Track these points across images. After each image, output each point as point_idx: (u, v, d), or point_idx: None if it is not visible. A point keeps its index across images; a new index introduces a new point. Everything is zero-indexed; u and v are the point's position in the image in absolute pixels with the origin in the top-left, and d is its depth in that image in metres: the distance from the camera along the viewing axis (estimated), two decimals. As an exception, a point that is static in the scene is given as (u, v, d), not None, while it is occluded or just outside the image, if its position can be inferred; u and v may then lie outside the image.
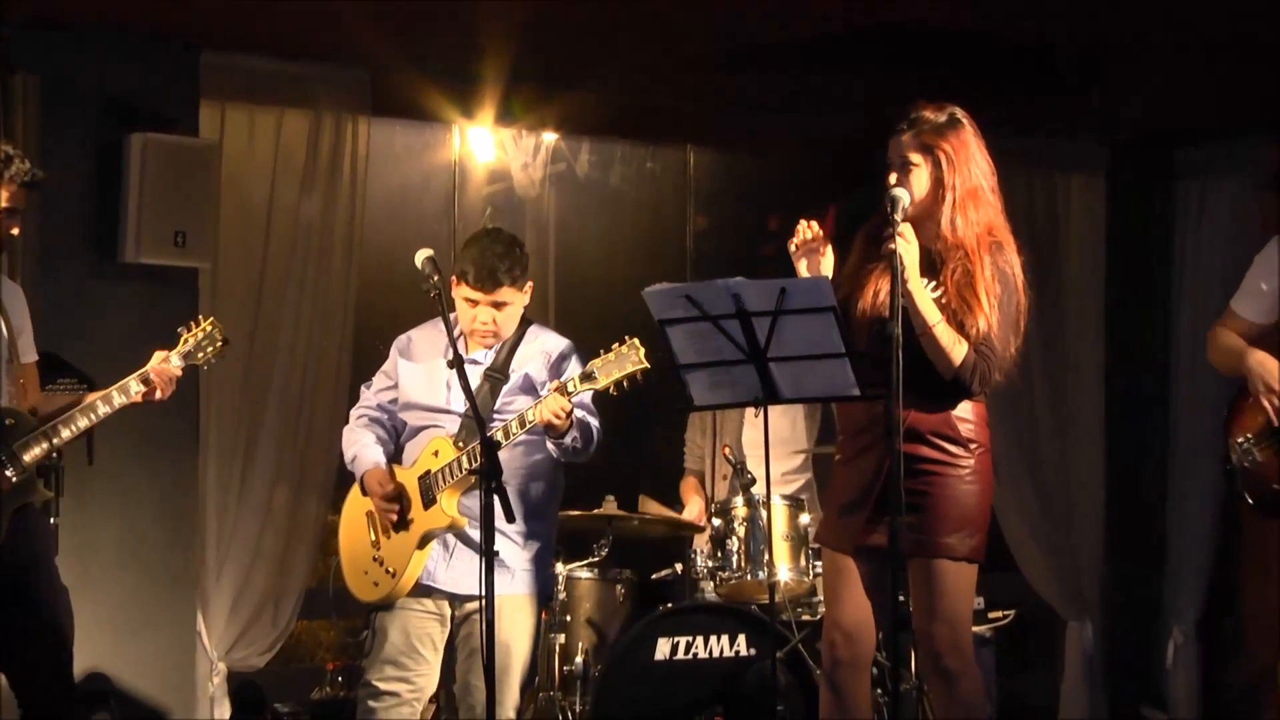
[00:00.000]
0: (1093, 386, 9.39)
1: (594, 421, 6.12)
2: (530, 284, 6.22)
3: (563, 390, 5.84)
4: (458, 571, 6.12)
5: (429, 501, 6.08)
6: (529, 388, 6.15)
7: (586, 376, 5.85)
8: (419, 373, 6.29)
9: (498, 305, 6.11)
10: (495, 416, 6.10)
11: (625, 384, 5.86)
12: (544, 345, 6.24)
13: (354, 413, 6.43)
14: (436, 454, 6.11)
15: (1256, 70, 8.27)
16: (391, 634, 6.20)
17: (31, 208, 6.09)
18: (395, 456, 6.29)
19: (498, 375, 6.17)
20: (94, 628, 6.25)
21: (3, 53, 7.37)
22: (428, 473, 6.10)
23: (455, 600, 6.17)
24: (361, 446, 6.29)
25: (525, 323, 6.30)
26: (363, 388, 6.48)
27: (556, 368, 6.18)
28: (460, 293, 6.11)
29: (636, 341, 5.84)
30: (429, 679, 6.27)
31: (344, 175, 8.13)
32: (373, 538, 6.24)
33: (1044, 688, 9.27)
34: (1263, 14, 7.74)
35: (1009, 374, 5.61)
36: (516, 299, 6.17)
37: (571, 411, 5.88)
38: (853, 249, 5.75)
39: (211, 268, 7.78)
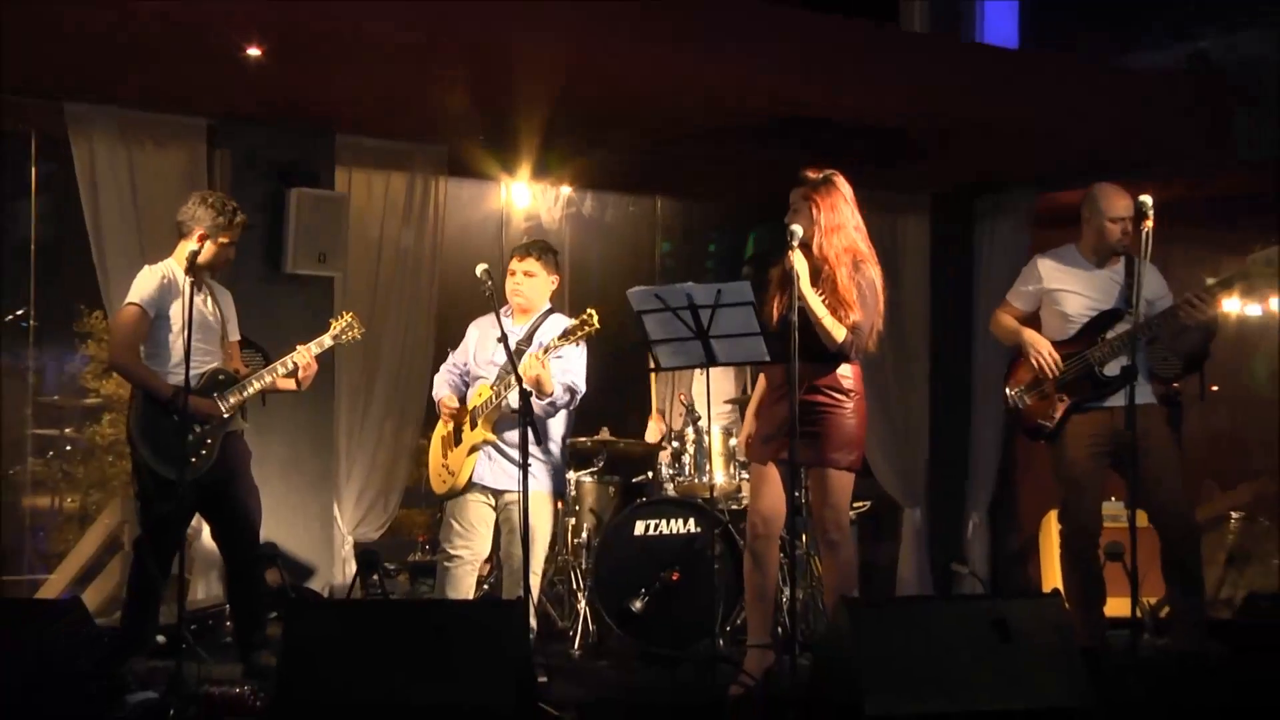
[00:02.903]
0: (921, 355, 9.34)
1: (567, 382, 6.12)
2: (556, 276, 6.28)
3: (546, 350, 5.93)
4: (497, 473, 6.13)
5: (474, 425, 6.12)
6: (537, 347, 6.11)
7: (561, 336, 5.94)
8: (476, 344, 6.32)
9: (528, 274, 6.16)
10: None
11: (586, 332, 5.90)
12: (554, 322, 6.21)
13: (442, 367, 6.46)
14: (480, 395, 6.16)
15: (1024, 146, 8.26)
16: (457, 516, 6.21)
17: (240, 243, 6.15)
18: (464, 398, 6.29)
19: (524, 346, 6.15)
20: (267, 512, 6.23)
21: (210, 137, 7.36)
22: (475, 406, 6.14)
23: (497, 493, 6.16)
24: (439, 386, 6.35)
25: (549, 311, 6.28)
26: (449, 351, 6.49)
27: (548, 325, 6.22)
28: (509, 269, 6.14)
29: (592, 311, 5.89)
30: (484, 547, 6.27)
31: (429, 216, 8.05)
32: (444, 452, 6.25)
33: (889, 553, 9.24)
34: (1026, 110, 7.73)
35: (875, 346, 5.70)
36: (542, 274, 6.23)
37: (540, 376, 5.91)
38: (772, 271, 5.75)
39: (342, 276, 7.71)
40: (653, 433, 7.95)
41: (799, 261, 5.35)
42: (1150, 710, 5.03)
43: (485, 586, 7.04)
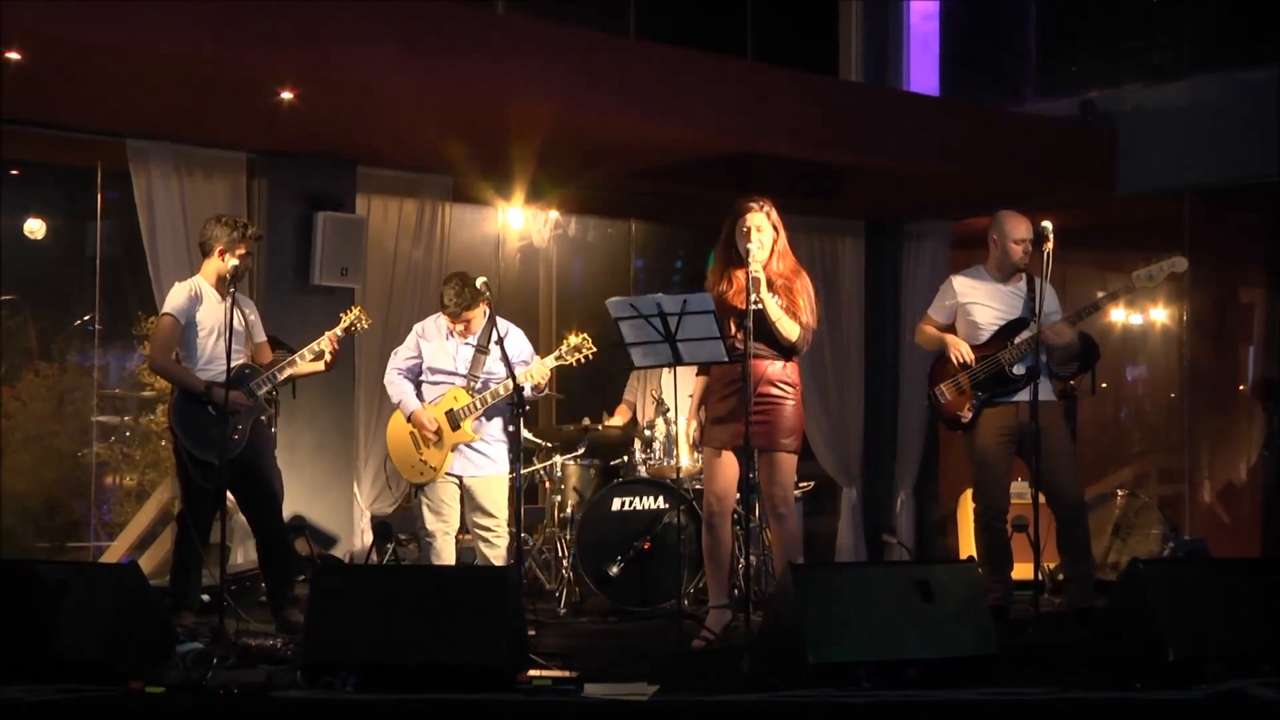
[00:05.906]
0: (857, 357, 9.31)
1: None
2: (485, 303, 6.08)
3: (559, 359, 5.89)
4: (465, 463, 6.08)
5: (455, 426, 6.02)
6: (497, 354, 5.90)
7: (566, 352, 5.93)
8: (431, 352, 6.18)
9: (466, 321, 6.07)
10: (484, 374, 6.08)
11: (585, 358, 5.96)
12: (502, 327, 5.93)
13: (395, 373, 6.22)
14: (456, 399, 6.04)
15: (943, 180, 8.21)
16: (431, 498, 6.11)
17: (259, 254, 6.04)
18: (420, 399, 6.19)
19: (482, 350, 6.10)
20: (296, 490, 6.20)
21: (249, 169, 7.26)
22: (452, 409, 6.03)
23: (462, 477, 6.10)
24: (406, 395, 6.17)
25: (492, 318, 6.09)
26: (393, 353, 6.29)
27: (510, 339, 6.02)
28: (461, 317, 6.06)
29: (586, 335, 5.87)
30: (457, 520, 6.18)
31: (437, 236, 7.96)
32: (417, 447, 6.11)
33: (829, 525, 9.24)
34: (946, 148, 7.70)
35: (814, 345, 5.69)
36: (476, 313, 6.09)
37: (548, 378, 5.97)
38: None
39: (361, 287, 7.62)
40: (619, 416, 7.90)
41: (760, 275, 5.37)
42: (1047, 657, 5.04)
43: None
